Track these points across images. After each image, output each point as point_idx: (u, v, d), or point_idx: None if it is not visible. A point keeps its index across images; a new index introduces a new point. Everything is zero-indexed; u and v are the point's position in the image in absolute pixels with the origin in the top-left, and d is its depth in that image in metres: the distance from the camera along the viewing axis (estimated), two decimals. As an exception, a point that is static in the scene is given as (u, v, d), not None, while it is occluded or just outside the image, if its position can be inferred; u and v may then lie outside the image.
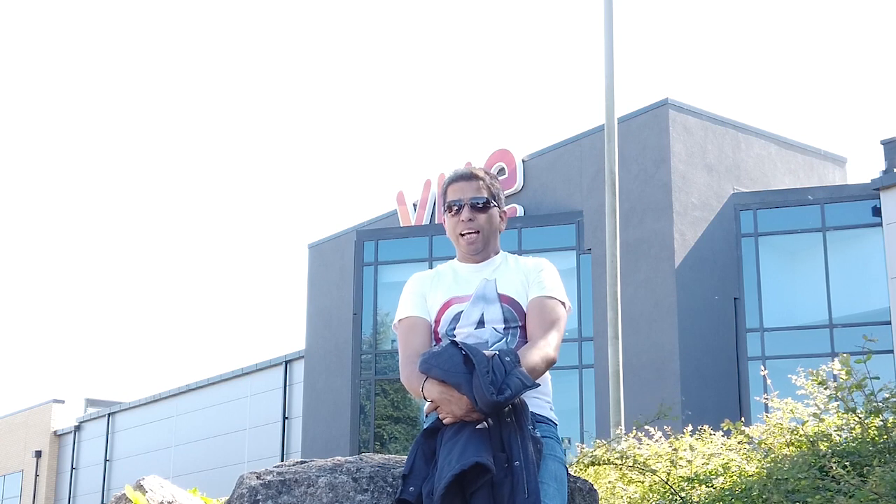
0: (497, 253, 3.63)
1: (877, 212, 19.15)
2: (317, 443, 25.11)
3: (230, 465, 27.92)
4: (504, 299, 3.49)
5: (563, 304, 3.48)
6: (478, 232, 3.56)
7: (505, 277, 3.54)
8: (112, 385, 71.22)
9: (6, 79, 61.71)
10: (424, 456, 3.19)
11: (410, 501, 3.12)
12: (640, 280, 19.95)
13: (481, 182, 3.59)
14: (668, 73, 61.68)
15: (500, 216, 3.65)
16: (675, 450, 6.06)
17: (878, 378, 5.28)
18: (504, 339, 3.43)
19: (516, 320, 3.45)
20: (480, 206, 3.56)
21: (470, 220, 3.55)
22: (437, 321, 3.53)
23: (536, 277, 3.51)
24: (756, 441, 5.94)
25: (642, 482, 6.02)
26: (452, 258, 3.73)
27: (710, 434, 6.38)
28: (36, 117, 66.32)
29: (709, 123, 21.13)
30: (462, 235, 3.56)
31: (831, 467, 4.64)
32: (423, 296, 3.58)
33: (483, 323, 3.46)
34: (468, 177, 3.60)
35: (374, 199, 60.85)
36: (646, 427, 6.81)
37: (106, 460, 34.55)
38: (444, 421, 3.16)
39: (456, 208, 3.57)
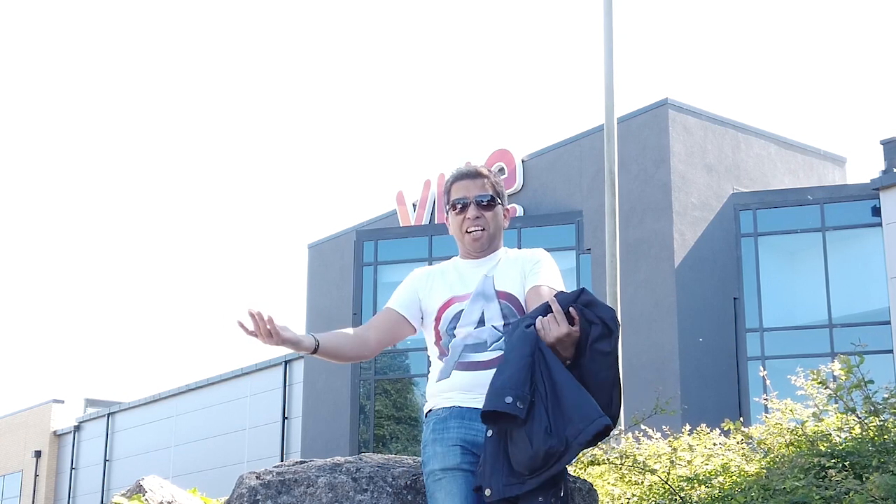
0: (499, 249, 3.65)
1: (876, 212, 19.15)
2: (316, 443, 25.10)
3: (230, 465, 27.91)
4: (502, 295, 3.50)
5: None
6: (484, 229, 3.58)
7: (503, 273, 3.55)
8: (112, 385, 71.19)
9: (6, 79, 61.73)
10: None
11: None
12: (639, 280, 19.95)
13: (486, 180, 3.62)
14: (668, 73, 61.70)
15: (504, 213, 3.68)
16: (674, 450, 6.07)
17: (872, 382, 5.29)
18: (503, 337, 3.44)
19: (515, 315, 3.46)
20: (486, 203, 3.58)
21: (477, 217, 3.56)
22: (438, 319, 3.55)
23: (533, 268, 3.52)
24: (755, 441, 5.94)
25: (641, 482, 6.02)
26: (452, 258, 3.74)
27: (707, 433, 6.38)
28: (36, 117, 66.35)
29: (708, 123, 21.13)
30: (468, 233, 3.58)
31: (828, 473, 4.64)
32: (414, 291, 3.62)
33: (483, 322, 3.47)
34: (473, 175, 3.62)
35: (374, 199, 60.80)
36: (644, 427, 6.80)
37: (106, 460, 34.53)
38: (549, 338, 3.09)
39: (461, 206, 3.59)
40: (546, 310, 3.14)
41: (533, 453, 2.98)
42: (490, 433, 3.11)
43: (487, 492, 3.08)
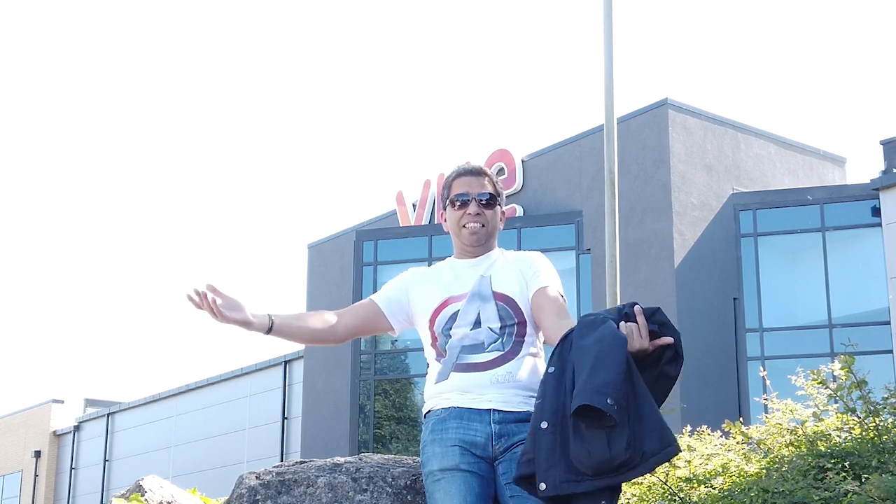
0: (494, 249, 3.66)
1: (876, 212, 19.15)
2: (316, 443, 25.10)
3: (230, 465, 27.90)
4: (499, 297, 3.49)
5: (560, 295, 3.51)
6: (483, 226, 3.58)
7: (500, 274, 3.55)
8: (111, 385, 71.20)
9: (6, 79, 61.73)
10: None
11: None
12: (639, 280, 19.95)
13: (488, 179, 3.63)
14: (668, 73, 61.71)
15: (501, 215, 3.69)
16: (673, 450, 6.05)
17: (866, 383, 5.29)
18: (500, 339, 3.43)
19: (512, 318, 3.46)
20: (486, 202, 3.59)
21: (477, 214, 3.57)
22: (433, 321, 3.53)
23: (534, 272, 3.53)
24: (755, 441, 5.94)
25: (641, 483, 6.02)
26: (447, 258, 3.74)
27: (709, 434, 6.37)
28: (36, 117, 66.35)
29: (708, 123, 21.13)
30: (465, 227, 3.58)
31: (827, 475, 4.64)
32: (404, 292, 3.62)
33: (479, 323, 3.46)
34: (477, 172, 3.64)
35: (374, 199, 60.87)
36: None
37: (105, 460, 34.53)
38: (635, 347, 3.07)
39: (462, 202, 3.59)
40: (621, 313, 3.13)
41: (609, 458, 2.94)
42: (545, 425, 3.03)
43: (542, 486, 3.00)
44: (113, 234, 69.90)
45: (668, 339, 3.09)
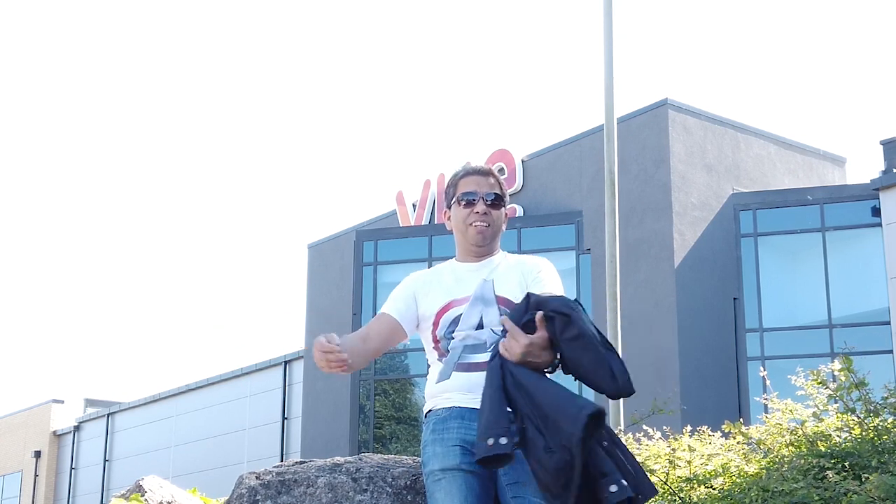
0: (496, 252, 3.65)
1: (876, 212, 19.14)
2: (316, 443, 25.10)
3: (230, 465, 27.90)
4: (501, 301, 3.48)
5: None
6: (489, 226, 3.59)
7: (503, 278, 3.54)
8: (111, 385, 71.10)
9: (6, 79, 61.72)
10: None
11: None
12: (639, 280, 19.94)
13: (494, 179, 3.64)
14: (668, 73, 61.70)
15: (504, 216, 3.69)
16: (673, 450, 6.06)
17: (866, 384, 5.29)
18: (502, 339, 3.42)
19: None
20: (493, 202, 3.60)
21: (485, 213, 3.58)
22: (436, 324, 3.53)
23: (535, 277, 3.52)
24: (755, 441, 5.94)
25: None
26: (451, 258, 3.74)
27: (709, 435, 6.37)
28: (36, 117, 66.33)
29: (708, 123, 21.13)
30: (472, 226, 3.57)
31: (827, 474, 4.64)
32: (411, 297, 3.61)
33: (482, 326, 3.45)
34: (484, 172, 3.64)
35: (374, 199, 60.90)
36: (644, 427, 6.80)
37: (105, 460, 34.53)
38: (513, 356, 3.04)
39: (469, 201, 3.59)
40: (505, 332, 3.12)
41: (552, 477, 2.93)
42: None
43: None
44: (113, 235, 69.91)
45: (539, 315, 3.03)
